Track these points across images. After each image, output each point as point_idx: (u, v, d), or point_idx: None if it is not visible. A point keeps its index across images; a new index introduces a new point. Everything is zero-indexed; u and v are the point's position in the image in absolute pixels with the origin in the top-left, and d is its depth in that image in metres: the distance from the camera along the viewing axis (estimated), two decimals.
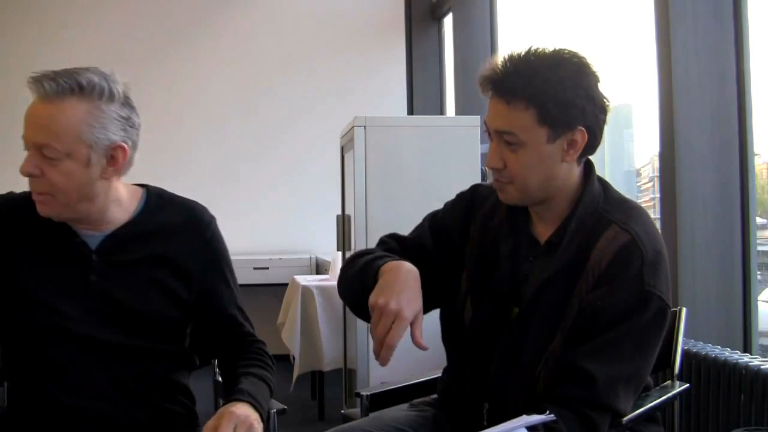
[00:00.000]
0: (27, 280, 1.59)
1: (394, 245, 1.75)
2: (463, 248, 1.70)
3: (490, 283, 1.63)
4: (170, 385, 1.70)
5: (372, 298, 1.46)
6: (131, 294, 1.61)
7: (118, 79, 1.57)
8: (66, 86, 1.50)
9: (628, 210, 1.57)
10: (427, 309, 1.60)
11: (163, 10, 6.04)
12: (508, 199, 1.59)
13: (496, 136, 1.54)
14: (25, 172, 1.52)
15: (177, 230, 1.68)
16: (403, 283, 1.48)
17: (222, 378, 1.79)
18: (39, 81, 1.51)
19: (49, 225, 1.60)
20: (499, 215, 1.68)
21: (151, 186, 1.73)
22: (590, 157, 1.61)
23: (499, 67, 1.51)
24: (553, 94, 1.47)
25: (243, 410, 1.48)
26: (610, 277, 1.49)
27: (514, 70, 1.50)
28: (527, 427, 1.36)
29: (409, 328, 1.44)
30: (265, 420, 1.55)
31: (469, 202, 1.76)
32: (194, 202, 1.76)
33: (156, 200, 1.70)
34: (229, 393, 1.60)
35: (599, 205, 1.57)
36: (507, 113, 1.50)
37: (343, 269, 1.74)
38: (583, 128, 1.50)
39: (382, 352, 1.42)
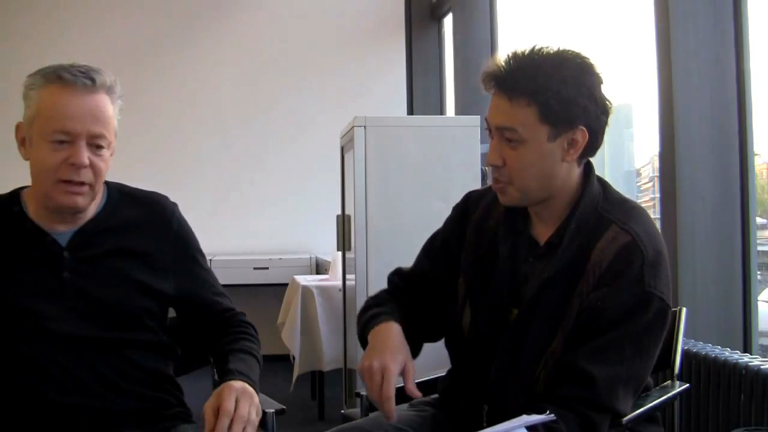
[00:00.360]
0: (2, 285, 1.59)
1: (397, 282, 1.82)
2: (460, 255, 1.71)
3: (489, 285, 1.63)
4: (154, 374, 1.71)
5: (358, 366, 1.55)
6: (103, 288, 1.64)
7: None
8: (109, 80, 1.58)
9: (628, 210, 1.57)
10: (439, 336, 1.73)
11: (163, 12, 6.05)
12: (509, 201, 1.59)
13: (497, 132, 1.54)
14: (85, 164, 1.55)
15: (142, 224, 1.71)
16: (383, 342, 1.56)
17: (211, 356, 1.82)
18: (86, 73, 1.56)
19: (19, 228, 1.62)
20: (495, 217, 1.68)
21: (109, 181, 1.74)
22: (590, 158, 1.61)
23: (503, 64, 1.52)
24: (555, 91, 1.47)
25: (239, 384, 1.52)
26: (611, 278, 1.48)
27: (517, 67, 1.50)
28: (527, 427, 1.37)
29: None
30: (258, 391, 1.58)
31: (463, 209, 1.77)
32: (154, 192, 1.79)
33: (117, 195, 1.73)
34: (220, 372, 1.64)
35: (599, 204, 1.57)
36: (509, 109, 1.50)
37: (357, 322, 1.77)
38: (584, 128, 1.50)
39: (384, 407, 1.49)
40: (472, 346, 1.64)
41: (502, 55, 1.53)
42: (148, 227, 1.72)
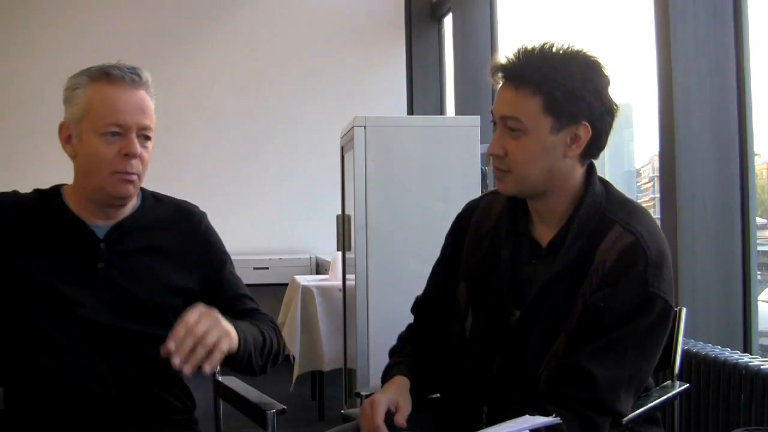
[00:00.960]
0: (38, 270, 1.64)
1: (416, 314, 1.85)
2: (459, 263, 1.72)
3: (490, 287, 1.63)
4: (169, 376, 1.73)
5: None
6: (133, 282, 1.70)
7: None
8: (149, 78, 1.69)
9: (631, 210, 1.56)
10: None
11: (163, 11, 6.04)
12: (507, 190, 1.59)
13: (501, 122, 1.55)
14: (137, 154, 1.64)
15: (173, 225, 1.79)
16: (384, 390, 1.64)
17: None
18: (131, 69, 1.66)
19: (59, 218, 1.69)
20: (493, 218, 1.68)
21: (144, 187, 1.80)
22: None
23: (512, 56, 1.53)
24: (561, 83, 1.48)
25: (210, 310, 1.49)
26: (614, 279, 1.48)
27: (526, 59, 1.52)
28: (530, 429, 1.37)
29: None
30: (242, 343, 1.55)
31: (460, 220, 1.79)
32: (185, 201, 1.87)
33: (151, 198, 1.81)
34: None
35: (602, 205, 1.56)
36: (514, 98, 1.51)
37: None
38: (587, 124, 1.50)
39: None
40: (473, 348, 1.64)
41: (511, 50, 1.55)
42: (177, 228, 1.79)
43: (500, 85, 1.55)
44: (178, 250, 1.77)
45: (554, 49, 1.52)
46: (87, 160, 1.65)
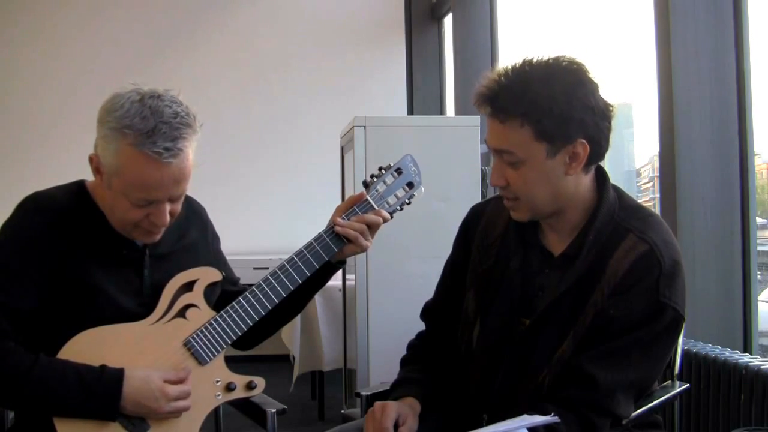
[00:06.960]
0: (96, 278, 1.61)
1: (425, 322, 1.84)
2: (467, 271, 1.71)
3: (499, 297, 1.62)
4: None
5: None
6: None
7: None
8: (192, 129, 1.77)
9: (645, 218, 1.55)
10: None
11: (162, 10, 6.05)
12: (520, 217, 1.58)
13: (496, 154, 1.53)
14: (166, 223, 1.62)
15: (192, 222, 1.82)
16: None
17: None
18: (176, 140, 1.64)
19: (102, 227, 1.64)
20: (500, 225, 1.67)
21: None
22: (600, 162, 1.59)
23: (492, 84, 1.49)
24: (547, 109, 1.44)
25: None
26: (626, 287, 1.47)
27: (507, 87, 1.47)
28: (528, 428, 1.37)
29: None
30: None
31: (465, 225, 1.78)
32: (188, 196, 1.85)
33: None
34: None
35: (615, 213, 1.55)
36: (503, 132, 1.49)
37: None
38: (583, 140, 1.47)
39: None
40: (479, 357, 1.64)
41: (491, 74, 1.50)
42: (195, 225, 1.84)
43: (487, 116, 1.52)
44: (199, 244, 1.82)
45: (533, 68, 1.47)
46: (113, 207, 1.61)
